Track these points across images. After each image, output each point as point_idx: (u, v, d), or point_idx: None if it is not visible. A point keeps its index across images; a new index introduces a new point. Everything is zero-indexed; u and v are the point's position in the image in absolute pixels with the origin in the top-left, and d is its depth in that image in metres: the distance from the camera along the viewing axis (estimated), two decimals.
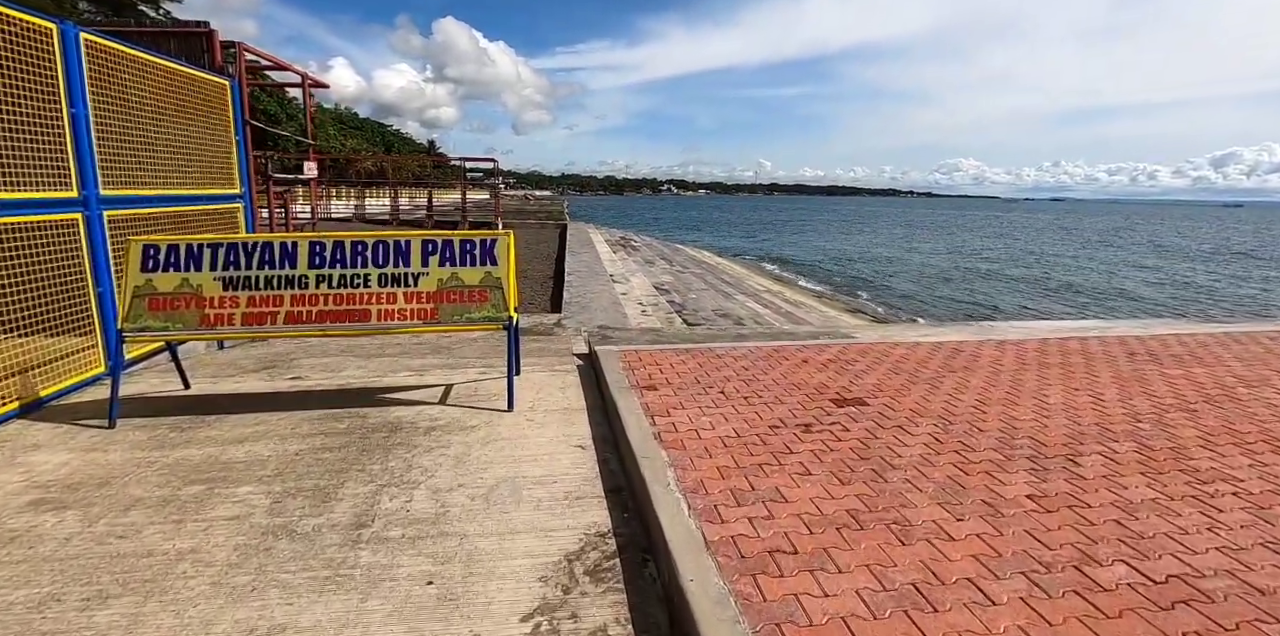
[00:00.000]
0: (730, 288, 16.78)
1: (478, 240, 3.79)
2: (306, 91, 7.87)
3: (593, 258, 15.73)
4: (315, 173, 7.79)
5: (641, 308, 9.79)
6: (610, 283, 11.59)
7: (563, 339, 6.44)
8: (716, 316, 10.94)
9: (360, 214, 31.10)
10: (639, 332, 7.05)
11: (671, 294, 12.45)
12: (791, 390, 3.56)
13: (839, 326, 9.28)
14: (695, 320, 10.02)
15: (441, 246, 3.75)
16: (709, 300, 12.94)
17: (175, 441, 3.21)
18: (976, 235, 61.58)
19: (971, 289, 24.68)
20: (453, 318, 3.66)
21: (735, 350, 4.76)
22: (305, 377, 4.36)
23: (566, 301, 9.37)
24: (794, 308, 15.47)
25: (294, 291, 3.60)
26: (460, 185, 30.59)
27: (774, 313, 13.41)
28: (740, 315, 11.55)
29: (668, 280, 14.86)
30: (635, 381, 3.74)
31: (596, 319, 8.28)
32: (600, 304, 9.43)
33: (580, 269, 13.18)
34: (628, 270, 14.98)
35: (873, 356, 4.53)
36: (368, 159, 59.19)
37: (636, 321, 8.47)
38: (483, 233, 3.82)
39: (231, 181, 6.34)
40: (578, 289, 10.63)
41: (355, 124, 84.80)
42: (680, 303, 11.46)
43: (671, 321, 9.12)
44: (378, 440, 3.22)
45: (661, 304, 10.65)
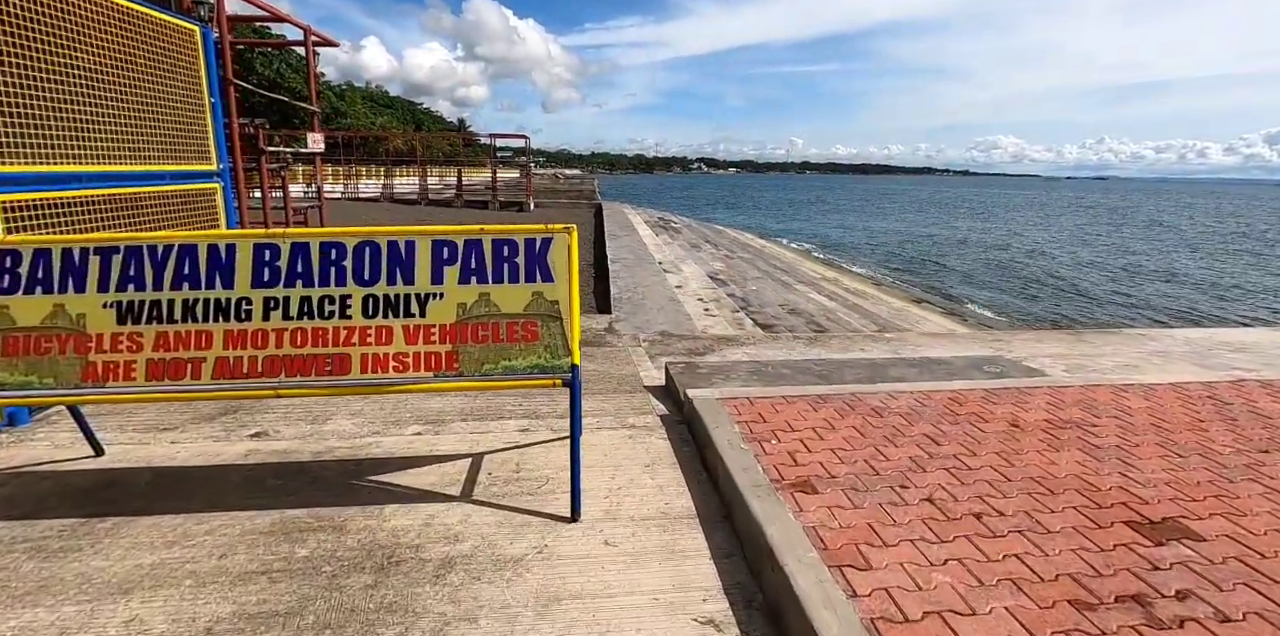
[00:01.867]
0: (786, 276, 15.22)
1: (521, 240, 2.38)
2: (310, 49, 6.50)
3: (636, 242, 14.29)
4: (321, 146, 6.43)
5: (703, 304, 8.35)
6: (661, 273, 10.16)
7: (620, 354, 5.04)
8: (786, 313, 9.47)
9: (389, 193, 29.98)
10: (715, 341, 5.63)
11: (729, 285, 10.97)
12: (1042, 497, 2.06)
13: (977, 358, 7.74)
14: (766, 319, 8.56)
15: (465, 251, 2.35)
16: (770, 292, 11.44)
17: (18, 590, 1.90)
18: (1023, 216, 58.51)
19: (1035, 275, 22.70)
20: (482, 366, 2.27)
21: (892, 397, 3.23)
22: (272, 433, 3.02)
23: (616, 298, 7.98)
24: (859, 299, 13.89)
25: (230, 325, 2.24)
26: (490, 163, 29.28)
27: (842, 306, 11.87)
28: (809, 311, 10.05)
29: (720, 268, 13.36)
30: (774, 471, 2.27)
31: (655, 321, 6.87)
32: (655, 300, 8.01)
33: (625, 256, 11.77)
34: (675, 257, 13.52)
35: (1101, 411, 3.00)
36: (398, 137, 58.23)
37: (702, 324, 7.04)
38: (529, 228, 2.41)
39: (205, 155, 5.02)
40: (626, 281, 9.23)
41: (385, 102, 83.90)
42: (742, 297, 9.99)
43: (741, 322, 7.68)
44: (356, 595, 1.86)
45: (723, 299, 9.19)
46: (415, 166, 32.22)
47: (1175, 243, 34.84)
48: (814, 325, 8.99)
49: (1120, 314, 16.55)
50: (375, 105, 75.56)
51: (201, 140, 4.95)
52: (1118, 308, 17.30)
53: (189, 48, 4.80)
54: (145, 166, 4.27)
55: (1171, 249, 31.68)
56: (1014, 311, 17.06)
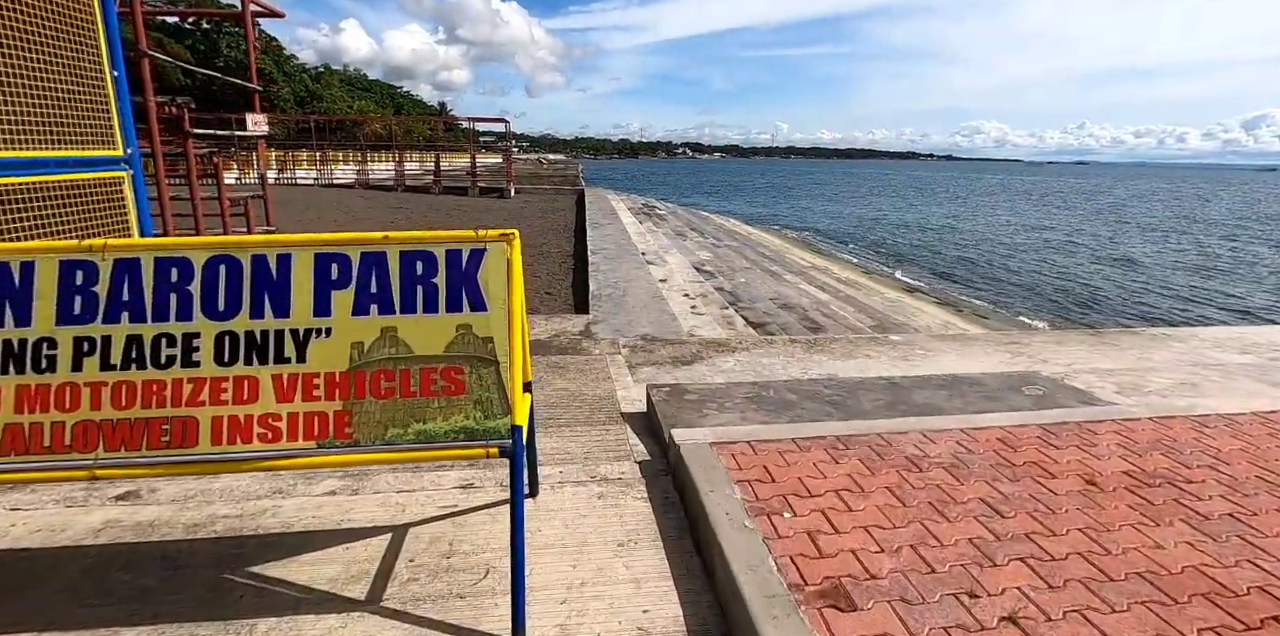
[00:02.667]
0: (775, 265, 14.62)
1: (442, 253, 1.72)
2: (248, 19, 5.73)
3: (618, 230, 13.59)
4: (263, 128, 5.69)
5: (689, 300, 7.71)
6: (645, 265, 9.50)
7: (596, 365, 4.43)
8: (778, 308, 8.86)
9: (363, 180, 28.97)
10: (704, 346, 5.02)
11: (717, 277, 10.34)
12: (1164, 610, 1.42)
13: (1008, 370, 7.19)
14: (757, 316, 7.94)
15: (362, 269, 1.69)
16: (760, 284, 10.82)
17: None
18: (1005, 201, 58.26)
19: (1030, 264, 22.27)
20: (386, 431, 1.63)
21: (928, 440, 2.55)
22: (146, 493, 2.37)
23: (595, 294, 7.32)
24: (852, 289, 13.32)
25: (24, 378, 1.58)
26: (469, 148, 28.32)
27: (835, 298, 11.29)
28: (802, 305, 9.45)
29: (706, 257, 12.71)
30: (793, 568, 1.60)
31: (638, 322, 6.23)
32: (638, 296, 7.36)
33: (607, 246, 11.08)
34: (660, 246, 12.84)
35: (1190, 457, 2.36)
36: (376, 121, 56.80)
37: (689, 324, 6.41)
38: (453, 235, 1.76)
39: (107, 139, 4.28)
40: (607, 274, 8.57)
41: (364, 86, 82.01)
42: (731, 291, 9.36)
43: (731, 321, 7.05)
44: None
45: (710, 294, 8.56)
46: (392, 152, 31.21)
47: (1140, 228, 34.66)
48: (808, 322, 8.39)
49: (1105, 297, 16.14)
50: (353, 89, 73.75)
51: (102, 121, 4.21)
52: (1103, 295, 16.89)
53: (82, 11, 4.05)
54: (19, 152, 3.55)
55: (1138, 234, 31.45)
56: (1004, 298, 16.62)
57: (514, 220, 17.05)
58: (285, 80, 30.94)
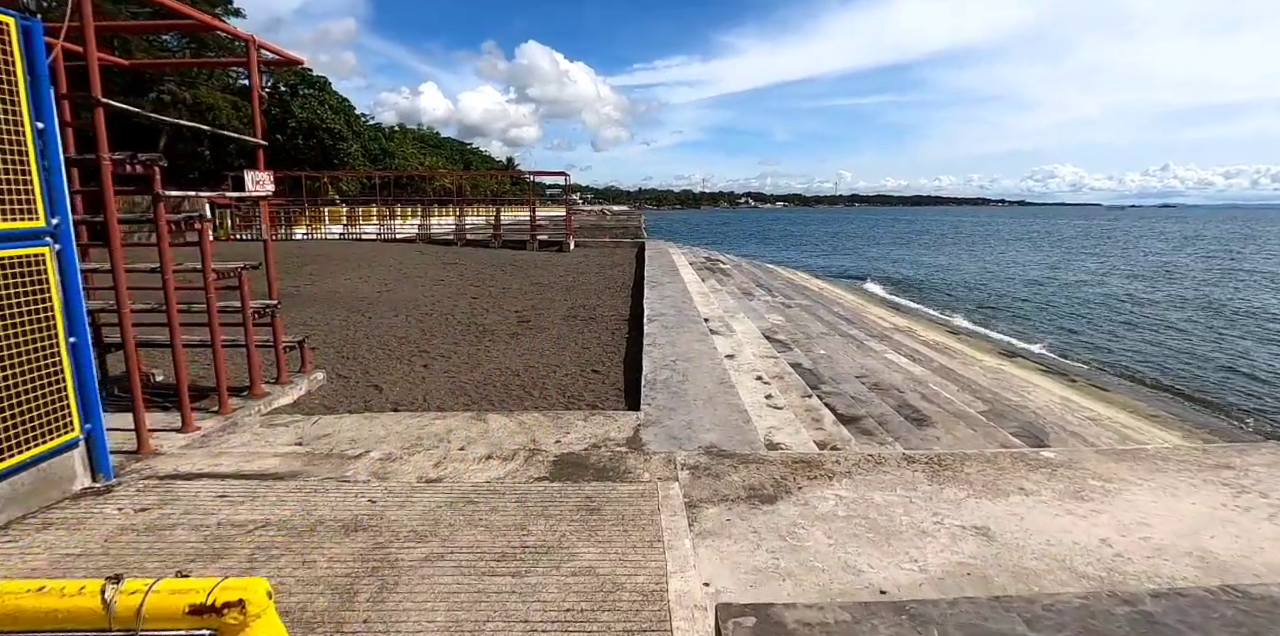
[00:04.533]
0: (854, 328, 13.09)
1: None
2: (254, 63, 4.95)
3: (679, 291, 12.41)
4: (267, 188, 4.78)
5: (764, 386, 6.37)
6: (708, 335, 8.23)
7: (644, 507, 3.15)
8: (868, 390, 7.40)
9: (425, 234, 28.98)
10: (789, 468, 3.68)
11: (792, 349, 8.96)
12: None
13: None
14: (847, 405, 6.51)
15: None
16: (843, 356, 9.37)
17: None
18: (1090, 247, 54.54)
19: (1139, 320, 19.86)
20: None
21: None
22: None
23: (649, 379, 6.07)
24: (945, 357, 11.65)
25: None
26: (529, 201, 28.08)
27: (930, 372, 9.71)
28: (896, 385, 7.95)
29: (777, 322, 11.35)
30: None
31: (701, 422, 4.92)
32: (701, 381, 6.07)
33: (666, 310, 9.89)
34: (725, 309, 11.57)
35: None
36: (444, 176, 58.35)
37: (766, 426, 5.06)
38: None
39: (24, 207, 3.36)
40: (664, 348, 7.33)
41: (435, 143, 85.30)
42: (811, 368, 7.96)
43: (818, 417, 5.67)
44: None
45: (787, 374, 7.20)
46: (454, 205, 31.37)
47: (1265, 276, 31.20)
48: (908, 409, 6.90)
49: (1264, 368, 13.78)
50: (425, 146, 76.66)
51: (16, 185, 3.28)
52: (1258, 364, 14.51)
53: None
54: None
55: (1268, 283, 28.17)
56: (1119, 363, 14.50)
57: (570, 275, 16.16)
58: (355, 138, 31.80)
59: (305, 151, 33.44)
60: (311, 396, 6.09)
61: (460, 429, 4.72)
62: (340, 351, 7.95)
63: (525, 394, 6.22)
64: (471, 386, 6.46)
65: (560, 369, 7.20)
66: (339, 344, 8.35)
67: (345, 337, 8.71)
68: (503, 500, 3.48)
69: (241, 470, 4.07)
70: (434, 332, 9.16)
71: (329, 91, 34.58)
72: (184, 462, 4.22)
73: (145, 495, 3.70)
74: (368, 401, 5.94)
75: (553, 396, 6.11)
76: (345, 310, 10.74)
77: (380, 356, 7.76)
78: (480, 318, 10.33)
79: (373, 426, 4.84)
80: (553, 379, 6.77)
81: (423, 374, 6.97)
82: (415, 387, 6.44)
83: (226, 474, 4.01)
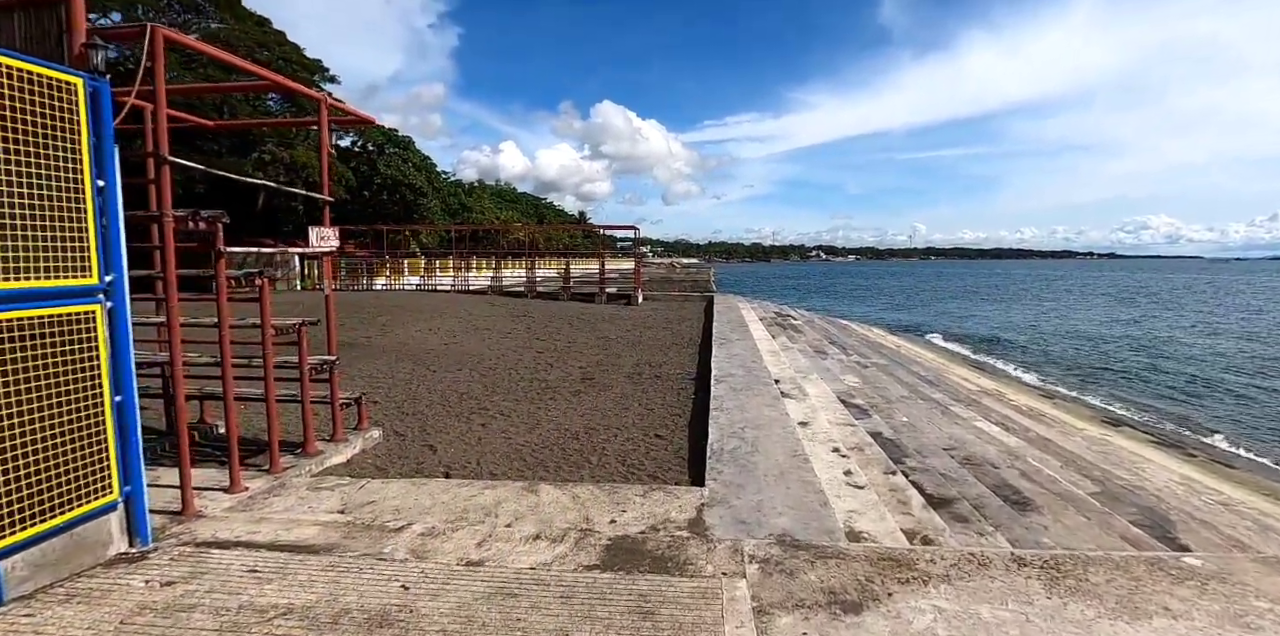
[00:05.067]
0: (937, 391, 12.23)
1: None
2: (325, 122, 4.97)
3: (748, 348, 11.94)
4: (331, 243, 4.72)
5: (841, 459, 5.81)
6: (779, 398, 7.71)
7: (706, 612, 2.69)
8: (959, 465, 6.69)
9: (497, 286, 29.62)
10: (875, 567, 3.16)
11: (871, 415, 8.32)
12: None
13: None
14: (936, 484, 5.85)
15: None
16: (927, 424, 8.64)
17: None
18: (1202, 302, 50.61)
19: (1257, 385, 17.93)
20: None
21: None
22: None
23: (716, 449, 5.62)
24: (1041, 425, 10.65)
25: None
26: (599, 254, 28.42)
27: (1026, 442, 8.82)
28: (990, 460, 7.19)
29: (854, 384, 10.69)
30: None
31: (772, 503, 4.42)
32: (772, 453, 5.57)
33: (734, 370, 9.44)
34: (797, 369, 11.02)
35: None
36: (519, 230, 60.29)
37: (845, 509, 4.51)
38: None
39: (77, 264, 3.31)
40: (732, 413, 6.87)
41: (511, 198, 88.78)
42: (893, 438, 7.31)
43: (905, 499, 5.06)
44: None
45: (867, 445, 6.60)
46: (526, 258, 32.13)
47: None
48: (1007, 489, 6.15)
49: None
50: (502, 200, 79.84)
51: (71, 241, 3.24)
52: None
53: (64, 108, 3.19)
54: None
55: None
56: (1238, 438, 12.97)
57: (637, 330, 15.93)
58: (435, 194, 33.35)
59: (389, 206, 35.17)
60: (365, 455, 5.90)
61: (510, 501, 4.38)
62: (400, 406, 7.83)
63: (583, 460, 5.86)
64: (528, 449, 6.15)
65: (622, 432, 6.83)
66: (400, 398, 8.25)
67: (407, 392, 8.62)
68: (547, 594, 3.08)
69: (278, 539, 3.83)
70: (496, 388, 8.98)
71: (412, 150, 36.58)
72: (223, 528, 4.02)
73: (177, 565, 3.49)
74: (420, 463, 5.70)
75: (611, 464, 5.73)
76: (411, 362, 10.75)
77: (439, 412, 7.59)
78: (544, 373, 10.13)
79: (419, 494, 4.56)
80: (613, 443, 6.39)
81: (480, 433, 6.72)
82: (470, 449, 6.18)
83: (262, 544, 3.77)
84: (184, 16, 27.44)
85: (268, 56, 26.87)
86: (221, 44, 25.82)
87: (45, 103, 3.06)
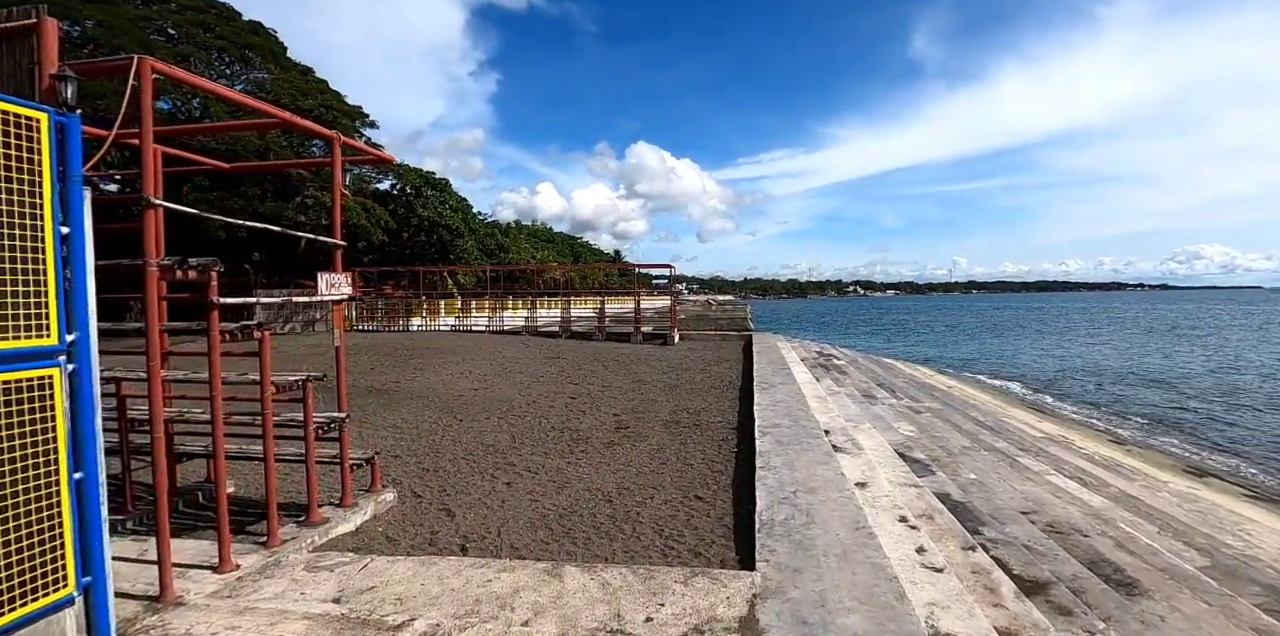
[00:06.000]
0: (999, 439, 11.28)
1: None
2: (338, 162, 4.64)
3: (792, 393, 11.21)
4: (343, 290, 4.32)
5: (910, 530, 5.07)
6: (831, 454, 6.98)
7: None
8: (1044, 535, 5.85)
9: (531, 326, 29.36)
10: None
11: (935, 472, 7.52)
12: None
13: None
14: (1026, 565, 5.04)
15: None
16: (996, 479, 7.78)
17: None
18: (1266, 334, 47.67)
19: None
20: None
21: None
22: None
23: (765, 519, 4.93)
24: (1123, 480, 9.64)
25: None
26: (634, 294, 28.04)
27: (1111, 502, 7.87)
28: (1078, 526, 6.33)
29: (910, 434, 9.87)
30: None
31: (837, 598, 3.72)
32: (830, 527, 4.85)
33: (779, 419, 8.73)
34: (846, 416, 10.25)
35: None
36: (554, 270, 60.61)
37: (925, 601, 3.79)
38: None
39: (34, 320, 2.89)
40: (781, 472, 6.18)
41: (547, 238, 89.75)
42: (962, 499, 6.52)
43: (995, 589, 4.30)
44: None
45: (936, 511, 5.83)
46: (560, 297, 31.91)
47: None
48: (1106, 567, 5.30)
49: None
50: (538, 240, 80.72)
51: (26, 296, 2.82)
52: None
53: (18, 146, 2.82)
54: None
55: None
56: None
57: (673, 372, 15.30)
58: (471, 235, 33.65)
59: (426, 247, 35.55)
60: (377, 521, 5.37)
61: (529, 589, 3.77)
62: (421, 461, 7.32)
63: (615, 528, 5.23)
64: (554, 515, 5.54)
65: (658, 493, 6.18)
66: (422, 451, 7.74)
67: (430, 444, 8.12)
68: None
69: None
70: (524, 439, 8.43)
71: (449, 192, 37.12)
72: (201, 620, 3.49)
73: None
74: (434, 532, 5.13)
75: (646, 535, 5.08)
76: (438, 410, 10.29)
77: (462, 468, 7.05)
78: (575, 421, 9.55)
79: (427, 577, 3.98)
80: (648, 507, 5.75)
81: (503, 494, 6.14)
82: (491, 513, 5.60)
83: None
84: (233, 67, 28.50)
85: (310, 104, 27.64)
86: (266, 94, 26.66)
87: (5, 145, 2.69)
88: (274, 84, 27.71)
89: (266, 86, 27.59)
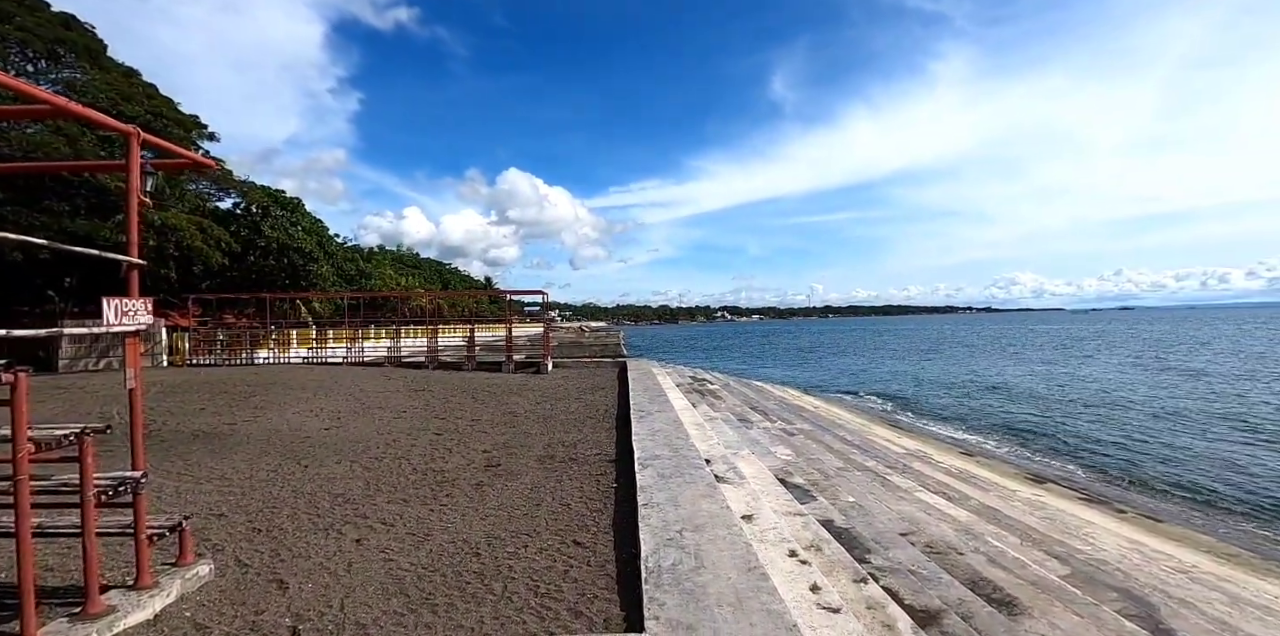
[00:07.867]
0: (869, 458, 11.59)
1: None
2: (134, 162, 3.85)
3: (670, 421, 10.93)
4: (144, 319, 3.44)
5: (801, 565, 4.80)
6: (715, 486, 6.68)
7: None
8: (923, 556, 5.82)
9: (395, 357, 27.51)
10: None
11: (815, 496, 7.43)
12: None
13: None
14: (914, 592, 4.90)
15: None
16: (873, 501, 7.82)
17: None
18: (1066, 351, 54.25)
19: (1121, 427, 18.55)
20: None
21: None
22: None
23: (651, 566, 4.48)
24: (980, 492, 10.12)
25: None
26: (506, 322, 27.08)
27: (975, 516, 8.15)
28: (951, 543, 6.39)
29: (787, 458, 9.85)
30: None
31: None
32: (721, 569, 4.48)
33: (659, 450, 8.37)
34: (725, 443, 10.09)
35: None
36: (421, 297, 57.91)
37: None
38: None
39: None
40: (665, 509, 5.77)
41: (413, 264, 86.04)
42: (846, 526, 6.41)
43: (890, 623, 4.09)
44: None
45: (823, 541, 5.65)
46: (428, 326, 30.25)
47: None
48: (986, 587, 5.30)
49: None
50: (403, 266, 77.06)
51: None
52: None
53: None
54: None
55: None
56: (1139, 480, 13.05)
57: (547, 402, 14.64)
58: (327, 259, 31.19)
59: (275, 272, 32.59)
60: (183, 604, 4.38)
61: None
62: (252, 520, 6.26)
63: (484, 588, 4.58)
64: (412, 577, 4.80)
65: (533, 539, 5.58)
66: (255, 508, 6.65)
67: (265, 497, 7.02)
68: None
69: None
70: (380, 485, 7.51)
71: (301, 212, 34.36)
72: None
73: None
74: (260, 612, 4.24)
75: (520, 594, 4.47)
76: (279, 456, 9.06)
77: (303, 525, 6.08)
78: (440, 461, 8.71)
79: None
80: (521, 558, 5.14)
81: (351, 555, 5.29)
82: (335, 581, 4.76)
83: None
84: (37, 64, 24.89)
85: (135, 110, 24.61)
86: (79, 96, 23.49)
87: None
88: (89, 85, 24.45)
89: (79, 87, 24.28)
